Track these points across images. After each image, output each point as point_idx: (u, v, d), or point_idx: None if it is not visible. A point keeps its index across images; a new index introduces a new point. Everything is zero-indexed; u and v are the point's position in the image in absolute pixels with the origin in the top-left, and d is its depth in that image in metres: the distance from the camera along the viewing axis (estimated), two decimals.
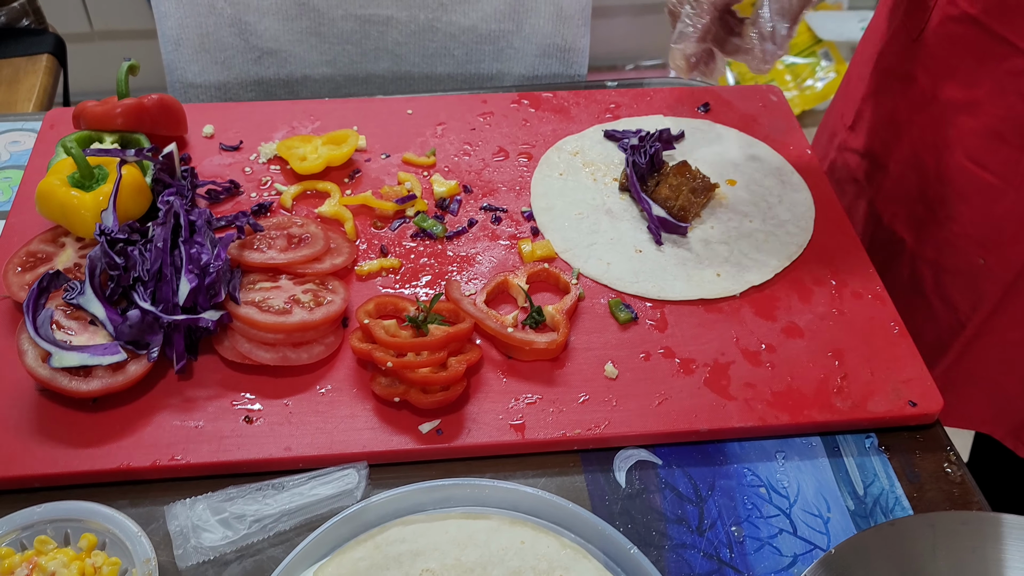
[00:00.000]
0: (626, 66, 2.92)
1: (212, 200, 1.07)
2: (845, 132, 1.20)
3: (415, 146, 1.16)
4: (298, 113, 1.19)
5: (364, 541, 0.77)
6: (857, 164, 1.17)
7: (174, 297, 0.89)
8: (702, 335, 0.96)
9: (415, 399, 0.86)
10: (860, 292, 1.01)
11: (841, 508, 0.85)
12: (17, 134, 1.19)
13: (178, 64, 1.43)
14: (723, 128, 1.20)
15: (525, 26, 1.45)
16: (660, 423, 0.88)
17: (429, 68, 1.48)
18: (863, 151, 1.16)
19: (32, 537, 0.77)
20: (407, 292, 0.99)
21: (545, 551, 0.76)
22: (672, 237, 1.05)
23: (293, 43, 1.43)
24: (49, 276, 0.88)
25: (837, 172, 1.22)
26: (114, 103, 1.07)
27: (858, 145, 1.17)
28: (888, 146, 1.12)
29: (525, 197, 1.10)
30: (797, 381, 0.92)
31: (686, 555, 0.81)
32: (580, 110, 1.22)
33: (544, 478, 0.86)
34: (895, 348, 0.95)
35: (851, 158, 1.18)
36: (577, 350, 0.94)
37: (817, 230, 1.07)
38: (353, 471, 0.83)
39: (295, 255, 0.97)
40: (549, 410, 0.88)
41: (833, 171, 1.23)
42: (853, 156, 1.18)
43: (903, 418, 0.90)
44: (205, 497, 0.81)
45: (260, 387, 0.89)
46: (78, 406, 0.86)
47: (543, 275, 1.01)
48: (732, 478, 0.86)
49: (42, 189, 0.96)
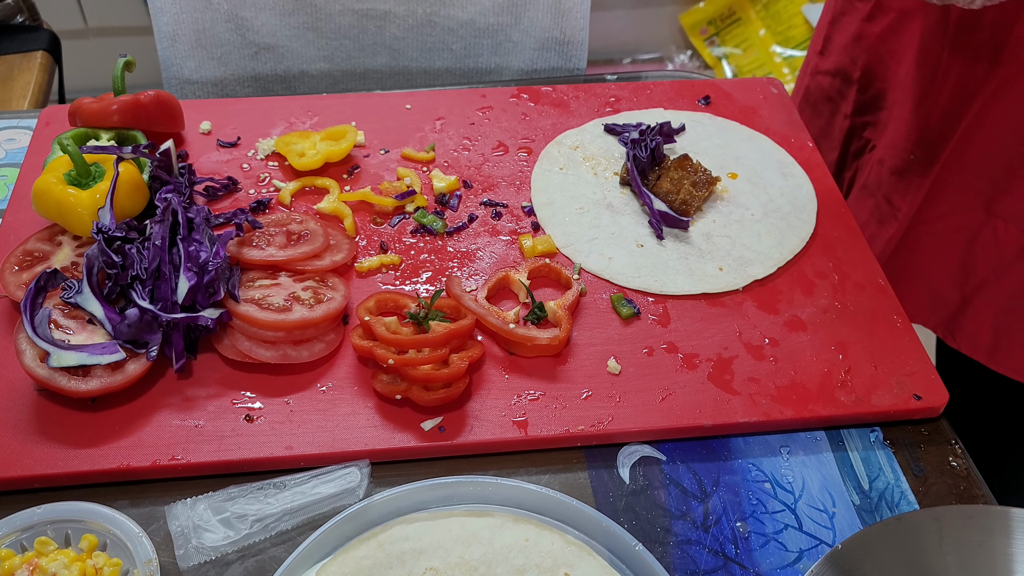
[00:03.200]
0: (623, 60, 2.91)
1: (210, 197, 1.06)
2: (816, 58, 1.27)
3: (414, 141, 1.15)
4: (296, 109, 1.18)
5: (367, 540, 0.76)
6: (829, 84, 1.25)
7: (173, 295, 0.88)
8: (705, 330, 0.95)
9: (417, 396, 0.86)
10: (863, 284, 1.00)
11: (846, 503, 0.84)
12: (12, 131, 1.18)
13: (174, 60, 1.42)
14: (724, 121, 1.20)
15: (523, 19, 1.44)
16: (664, 419, 0.87)
17: (427, 63, 1.47)
18: (833, 71, 1.24)
19: (32, 538, 0.76)
20: (407, 289, 0.98)
21: (549, 548, 0.76)
22: (673, 231, 1.05)
23: (290, 38, 1.42)
24: (46, 275, 0.87)
25: (812, 95, 1.30)
26: (110, 100, 1.06)
27: (828, 66, 1.25)
28: (855, 60, 1.19)
29: (525, 192, 1.09)
30: (801, 375, 0.91)
31: (691, 551, 0.80)
32: (580, 104, 1.22)
33: (547, 475, 0.85)
34: (899, 341, 0.95)
35: (823, 80, 1.26)
36: (579, 346, 0.93)
37: (819, 222, 1.07)
38: (355, 469, 0.83)
39: (294, 252, 0.96)
40: (552, 406, 0.88)
41: (808, 95, 1.30)
42: (825, 78, 1.26)
43: (908, 412, 0.90)
44: (206, 497, 0.80)
45: (260, 385, 0.88)
46: (77, 406, 0.86)
47: (544, 270, 1.00)
48: (736, 473, 0.86)
49: (38, 187, 0.95)
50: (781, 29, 2.93)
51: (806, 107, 1.30)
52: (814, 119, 1.29)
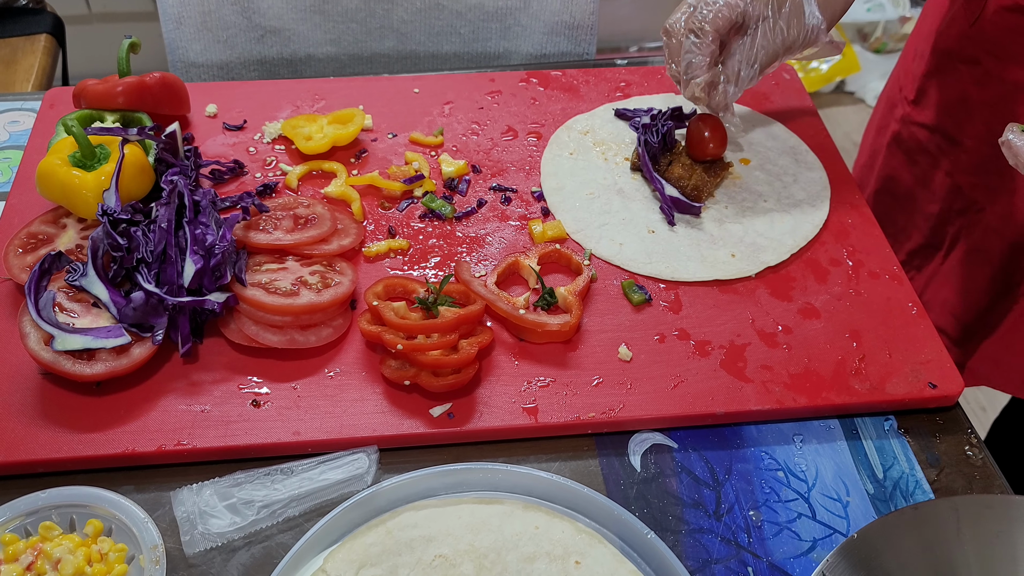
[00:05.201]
0: (631, 48, 2.89)
1: (216, 180, 1.05)
2: (907, 106, 1.21)
3: (422, 125, 1.14)
4: (302, 92, 1.17)
5: (375, 526, 0.75)
6: (927, 138, 1.19)
7: (179, 279, 0.87)
8: (717, 316, 0.94)
9: (426, 382, 0.84)
10: (877, 272, 0.99)
11: (860, 492, 0.83)
12: (16, 114, 1.17)
13: (180, 43, 1.41)
14: (736, 106, 1.18)
15: (532, 3, 1.42)
16: (675, 406, 0.86)
17: (435, 47, 1.46)
18: (932, 126, 1.17)
19: (37, 523, 0.75)
20: (416, 274, 0.97)
21: (560, 536, 0.75)
22: (685, 217, 1.03)
23: (297, 21, 1.41)
24: (51, 258, 0.86)
25: (904, 143, 1.23)
26: (115, 81, 1.05)
27: (926, 120, 1.18)
28: (960, 124, 1.13)
29: (535, 177, 1.08)
30: (814, 363, 0.90)
31: (703, 540, 0.79)
32: (590, 88, 1.20)
33: (558, 462, 0.84)
34: (914, 328, 0.93)
35: (919, 132, 1.20)
36: (590, 332, 0.92)
37: (833, 209, 1.06)
38: (363, 455, 0.82)
39: (302, 236, 0.95)
40: (562, 393, 0.87)
41: (899, 142, 1.24)
42: (921, 130, 1.19)
43: (923, 400, 0.88)
44: (212, 482, 0.79)
45: (267, 370, 0.87)
46: (82, 390, 0.85)
47: (554, 256, 0.99)
48: (749, 462, 0.85)
49: (42, 169, 0.94)
50: None
51: (897, 152, 1.24)
52: (909, 167, 1.22)
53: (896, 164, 1.23)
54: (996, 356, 1.16)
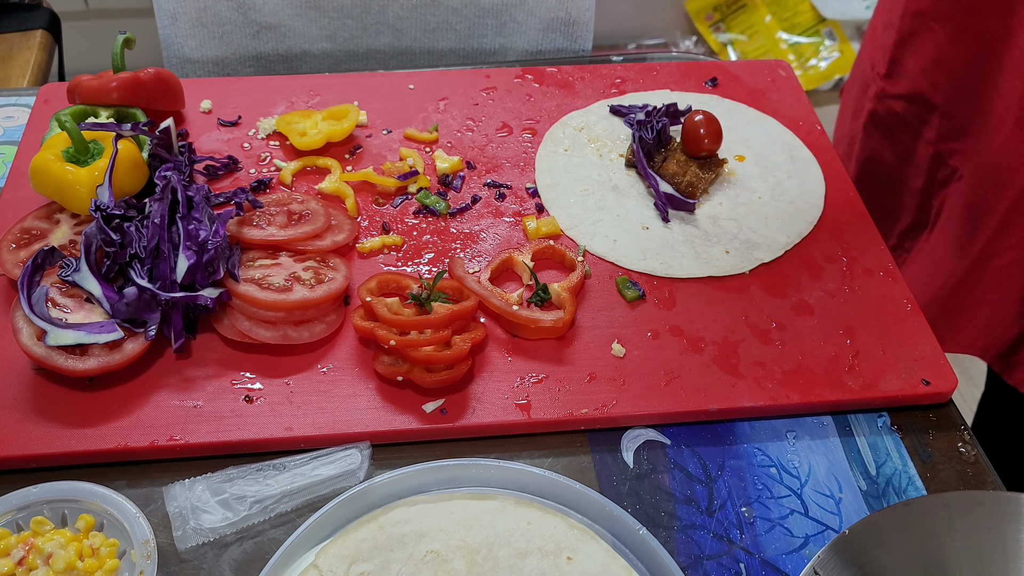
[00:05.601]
0: (628, 45, 2.89)
1: (210, 176, 1.05)
2: (881, 81, 1.20)
3: (417, 121, 1.13)
4: (297, 88, 1.17)
5: (367, 522, 0.75)
6: (904, 109, 1.17)
7: (172, 274, 0.87)
8: (710, 313, 0.94)
9: (419, 378, 0.84)
10: (871, 269, 0.99)
11: (853, 488, 0.83)
12: (11, 109, 1.17)
13: (175, 39, 1.41)
14: (731, 103, 1.18)
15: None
16: (668, 402, 0.86)
17: (430, 43, 1.45)
18: (909, 95, 1.16)
19: (28, 518, 0.75)
20: (409, 270, 0.97)
21: (552, 532, 0.75)
22: (679, 214, 1.03)
23: (292, 17, 1.40)
24: (44, 253, 0.85)
25: (881, 121, 1.22)
26: (110, 77, 1.04)
27: (901, 90, 1.17)
28: (937, 85, 1.12)
29: (529, 173, 1.08)
30: (808, 359, 0.90)
31: (696, 536, 0.79)
32: (585, 85, 1.20)
33: (551, 458, 0.84)
34: (907, 326, 0.93)
35: (895, 104, 1.18)
36: (583, 328, 0.92)
37: (827, 206, 1.05)
38: (356, 451, 0.82)
39: (295, 232, 0.95)
40: (555, 389, 0.86)
41: (875, 121, 1.22)
42: (898, 102, 1.18)
43: (916, 397, 0.88)
44: (204, 478, 0.79)
45: (260, 366, 0.87)
46: (74, 385, 0.85)
47: (548, 252, 0.99)
48: (742, 458, 0.85)
49: (36, 164, 0.94)
50: (787, 16, 2.90)
51: (875, 132, 1.22)
52: (890, 145, 1.21)
53: (875, 144, 1.22)
54: (958, 318, 1.16)
